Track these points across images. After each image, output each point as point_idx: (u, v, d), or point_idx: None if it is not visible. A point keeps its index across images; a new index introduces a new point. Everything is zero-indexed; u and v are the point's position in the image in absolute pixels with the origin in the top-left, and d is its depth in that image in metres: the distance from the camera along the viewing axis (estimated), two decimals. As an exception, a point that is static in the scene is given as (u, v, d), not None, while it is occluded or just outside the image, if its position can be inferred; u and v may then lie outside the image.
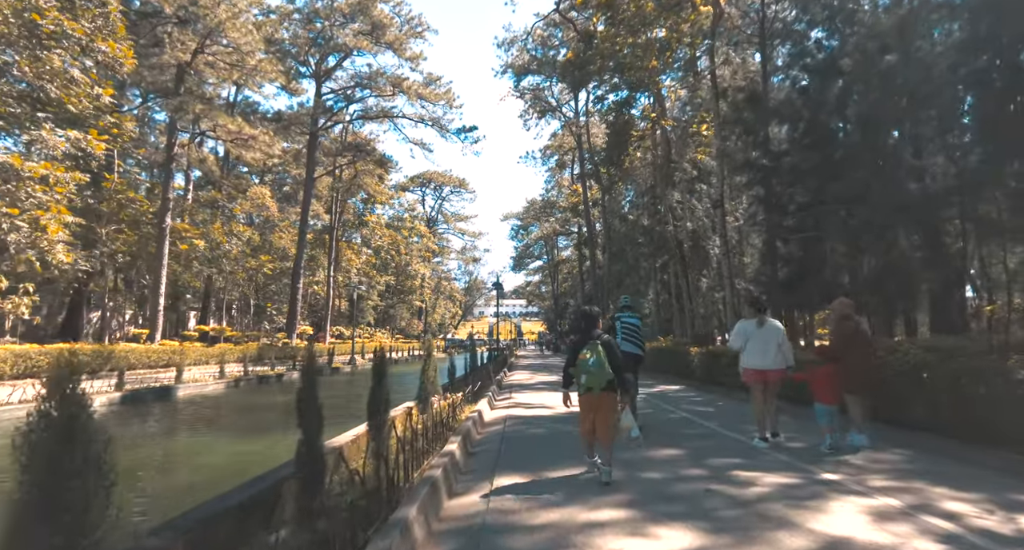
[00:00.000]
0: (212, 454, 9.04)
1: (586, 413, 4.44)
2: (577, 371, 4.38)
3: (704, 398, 10.65)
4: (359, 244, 52.82)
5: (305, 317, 48.80)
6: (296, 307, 35.40)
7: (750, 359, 5.77)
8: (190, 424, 12.03)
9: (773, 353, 5.66)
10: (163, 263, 22.33)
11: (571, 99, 45.27)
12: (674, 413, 8.47)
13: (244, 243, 37.95)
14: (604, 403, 4.32)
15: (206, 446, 9.70)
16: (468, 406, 8.35)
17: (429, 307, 77.96)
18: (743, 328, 5.89)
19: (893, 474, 4.47)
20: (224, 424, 11.86)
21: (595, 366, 4.23)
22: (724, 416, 7.88)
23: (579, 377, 4.35)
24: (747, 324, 5.87)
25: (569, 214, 52.53)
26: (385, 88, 35.14)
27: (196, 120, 23.17)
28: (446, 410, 6.45)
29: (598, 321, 4.73)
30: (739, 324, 6.03)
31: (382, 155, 36.99)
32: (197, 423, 12.09)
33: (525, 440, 6.18)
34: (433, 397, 7.34)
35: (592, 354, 4.28)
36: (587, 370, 4.26)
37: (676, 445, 5.76)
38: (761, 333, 5.73)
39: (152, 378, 15.77)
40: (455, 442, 5.15)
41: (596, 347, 4.32)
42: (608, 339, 4.51)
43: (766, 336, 5.72)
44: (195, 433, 11.07)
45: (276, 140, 24.94)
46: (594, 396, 4.30)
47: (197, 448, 9.59)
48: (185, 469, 8.29)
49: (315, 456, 2.91)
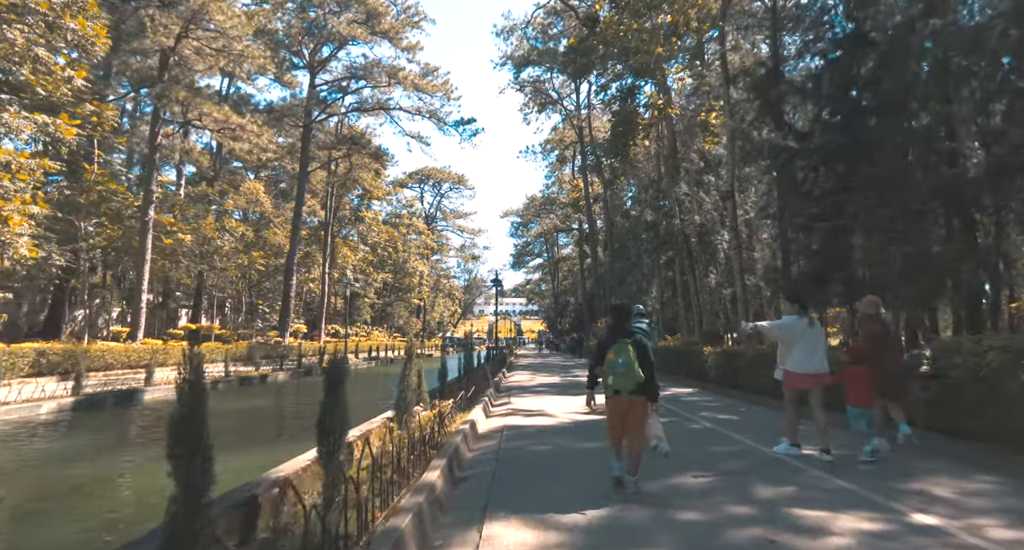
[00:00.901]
0: (128, 485, 7.19)
1: (614, 418, 4.00)
2: (604, 371, 3.95)
3: (723, 404, 9.62)
4: (356, 241, 51.78)
5: (300, 315, 47.78)
6: (289, 305, 34.37)
7: (800, 362, 5.03)
8: (132, 439, 10.35)
9: (822, 356, 5.08)
10: (146, 258, 21.27)
11: (572, 92, 44.21)
12: (695, 423, 7.44)
13: (237, 239, 36.92)
14: (633, 408, 3.90)
15: (134, 471, 7.73)
16: (460, 415, 7.33)
17: (428, 305, 76.93)
18: (793, 326, 5.13)
19: (1006, 515, 3.44)
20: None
21: (623, 367, 3.82)
22: (754, 427, 6.85)
23: (606, 378, 3.93)
24: (798, 322, 5.14)
25: (570, 210, 51.50)
26: (380, 79, 34.05)
27: (182, 109, 22.10)
28: (431, 422, 5.43)
29: (630, 316, 4.33)
30: (787, 321, 5.27)
31: (378, 148, 35.92)
32: (140, 437, 10.30)
33: (524, 461, 5.12)
34: (418, 406, 6.31)
35: (621, 354, 3.84)
36: (615, 371, 3.85)
37: (709, 468, 4.74)
38: (812, 333, 5.09)
39: (124, 380, 14.73)
40: (437, 467, 4.11)
41: (626, 346, 3.86)
42: (640, 338, 4.04)
43: (816, 337, 5.12)
44: (128, 451, 9.13)
45: (265, 130, 23.88)
46: (622, 400, 3.89)
47: (112, 475, 7.52)
48: (74, 510, 6.11)
49: (194, 521, 1.84)
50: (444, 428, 5.88)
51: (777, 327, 5.36)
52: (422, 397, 6.39)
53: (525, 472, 4.66)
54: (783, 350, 5.24)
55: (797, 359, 5.06)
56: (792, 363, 5.10)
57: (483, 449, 5.74)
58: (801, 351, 5.03)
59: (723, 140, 22.83)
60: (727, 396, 10.68)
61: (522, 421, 7.58)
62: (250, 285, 43.33)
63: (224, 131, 23.14)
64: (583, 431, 6.71)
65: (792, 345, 5.09)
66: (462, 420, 6.71)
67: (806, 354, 5.00)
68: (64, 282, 24.65)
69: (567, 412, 8.46)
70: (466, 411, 7.66)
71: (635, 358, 3.81)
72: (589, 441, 5.99)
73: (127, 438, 10.48)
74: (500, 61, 42.37)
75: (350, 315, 50.73)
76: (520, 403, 9.73)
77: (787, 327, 5.19)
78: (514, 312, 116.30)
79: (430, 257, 76.22)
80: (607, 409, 4.05)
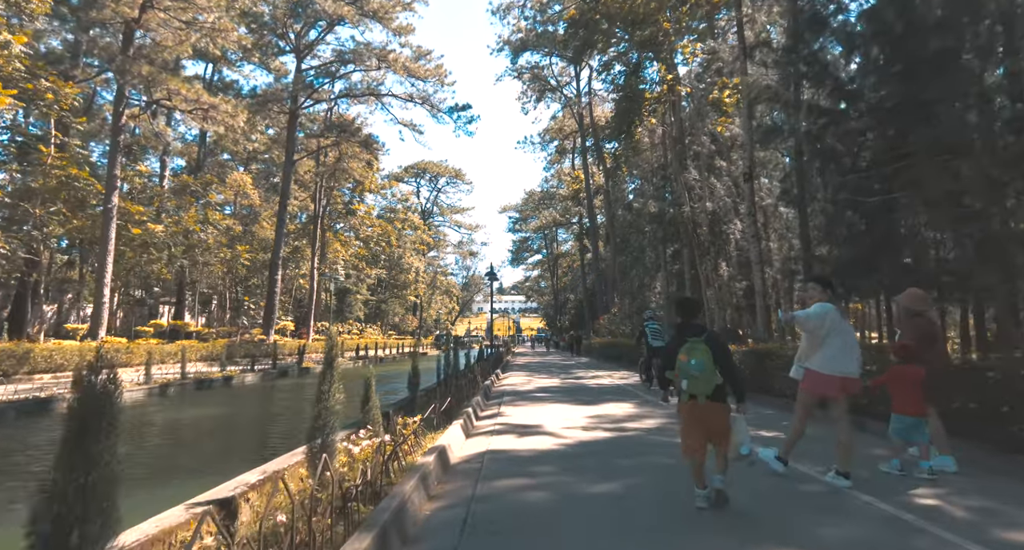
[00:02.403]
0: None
1: (692, 426, 3.54)
2: (676, 374, 3.60)
3: (760, 416, 7.87)
4: (347, 235, 49.96)
5: (288, 312, 46.02)
6: (274, 301, 32.58)
7: (830, 361, 4.14)
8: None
9: (857, 356, 4.25)
10: (108, 248, 19.48)
11: (572, 80, 42.47)
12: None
13: (221, 232, 35.14)
14: (713, 414, 3.48)
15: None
16: (429, 435, 5.58)
17: (424, 302, 75.18)
18: (826, 315, 4.20)
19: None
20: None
21: (698, 369, 3.45)
22: (823, 452, 5.10)
23: (679, 381, 3.56)
24: (831, 311, 4.24)
25: (570, 203, 49.75)
26: (370, 62, 32.19)
27: (147, 86, 20.25)
28: (373, 460, 3.68)
29: (699, 311, 3.95)
30: (820, 309, 4.27)
31: (368, 136, 34.08)
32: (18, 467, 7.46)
33: (508, 524, 3.31)
34: (362, 431, 4.56)
35: (693, 355, 3.47)
36: (688, 374, 3.49)
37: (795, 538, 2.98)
38: (846, 327, 4.29)
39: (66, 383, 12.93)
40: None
41: (698, 346, 3.48)
42: (715, 334, 3.63)
43: (850, 332, 4.35)
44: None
45: (241, 111, 22.06)
46: (700, 405, 3.48)
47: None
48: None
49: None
50: (397, 463, 4.12)
51: (815, 316, 4.26)
52: (370, 418, 4.63)
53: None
54: (808, 344, 4.34)
55: (826, 357, 4.15)
56: (819, 361, 4.19)
57: (449, 496, 3.96)
58: (832, 347, 4.14)
59: (736, 121, 21.11)
60: (761, 404, 8.93)
61: (512, 443, 5.82)
62: (236, 281, 41.58)
63: (196, 112, 21.31)
64: (599, 460, 4.96)
65: (822, 339, 4.19)
66: (429, 445, 4.95)
67: (839, 351, 4.12)
68: (26, 276, 22.89)
69: (572, 427, 6.72)
70: (439, 430, 5.92)
71: (711, 357, 3.44)
72: (610, 479, 4.25)
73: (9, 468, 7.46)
74: (497, 46, 40.67)
75: (341, 312, 49.01)
76: (512, 414, 7.98)
77: (820, 316, 4.21)
78: (513, 310, 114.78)
79: (426, 253, 74.47)
80: (682, 416, 3.61)
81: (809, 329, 4.26)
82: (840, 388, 4.10)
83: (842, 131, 9.41)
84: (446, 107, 34.36)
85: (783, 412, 8.01)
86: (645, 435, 6.33)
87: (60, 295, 29.82)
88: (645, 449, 5.48)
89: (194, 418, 11.69)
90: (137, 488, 5.81)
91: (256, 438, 9.85)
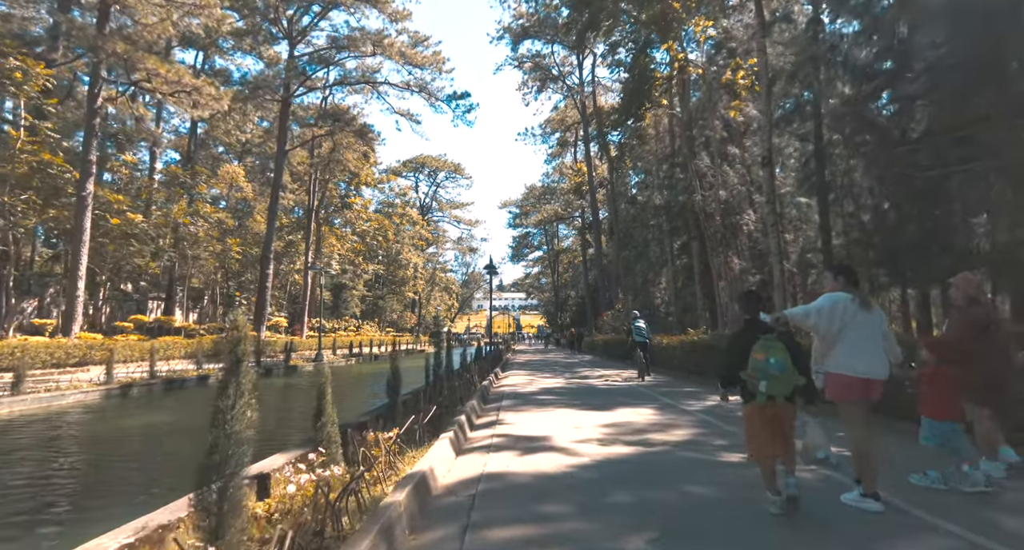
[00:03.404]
0: None
1: (766, 430, 3.19)
2: (753, 374, 3.19)
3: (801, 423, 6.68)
4: (343, 229, 48.73)
5: (283, 308, 44.88)
6: (265, 296, 31.41)
7: (850, 360, 3.49)
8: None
9: (878, 351, 3.54)
10: (83, 239, 18.28)
11: (574, 69, 41.20)
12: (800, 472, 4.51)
13: (212, 225, 33.96)
14: (786, 415, 3.19)
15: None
16: (409, 455, 4.41)
17: (423, 299, 74.00)
18: (835, 308, 3.54)
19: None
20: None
21: (778, 369, 3.13)
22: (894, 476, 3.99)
23: (756, 382, 3.16)
24: (843, 302, 3.57)
25: (571, 197, 48.50)
26: (365, 48, 30.91)
27: (125, 67, 19.01)
28: (315, 500, 2.51)
29: (763, 307, 3.61)
30: (826, 302, 3.63)
31: (363, 125, 32.81)
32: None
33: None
34: (313, 454, 3.39)
35: (772, 353, 3.15)
36: (768, 374, 3.13)
37: None
38: (866, 320, 3.55)
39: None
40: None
41: (774, 343, 3.19)
42: (787, 331, 3.42)
43: (871, 325, 3.56)
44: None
45: (226, 94, 20.82)
46: (775, 407, 3.15)
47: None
48: None
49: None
50: (357, 499, 2.94)
51: (814, 312, 3.61)
52: (323, 436, 3.45)
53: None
54: (822, 344, 3.70)
55: (843, 355, 3.55)
56: (835, 362, 3.58)
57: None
58: (849, 343, 3.53)
59: (750, 104, 19.90)
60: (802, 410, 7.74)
61: (513, 463, 4.64)
62: (228, 276, 40.45)
63: (179, 96, 20.07)
64: (628, 492, 3.76)
65: (836, 335, 3.57)
66: (406, 471, 3.77)
67: (854, 348, 3.51)
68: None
69: (585, 440, 5.55)
70: (423, 446, 4.74)
71: (789, 356, 3.15)
72: (649, 523, 3.07)
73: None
74: (497, 34, 39.31)
75: (337, 308, 47.87)
76: (513, 422, 6.81)
77: (827, 311, 3.58)
78: (513, 307, 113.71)
79: (425, 249, 73.28)
80: (752, 420, 3.29)
81: (810, 327, 3.64)
82: (862, 392, 3.47)
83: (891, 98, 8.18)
84: (444, 95, 33.13)
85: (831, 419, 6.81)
86: (675, 451, 5.15)
87: (42, 290, 28.58)
88: (683, 473, 4.31)
89: (135, 427, 9.96)
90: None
91: (195, 456, 8.01)
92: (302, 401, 12.36)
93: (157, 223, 25.56)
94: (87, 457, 7.85)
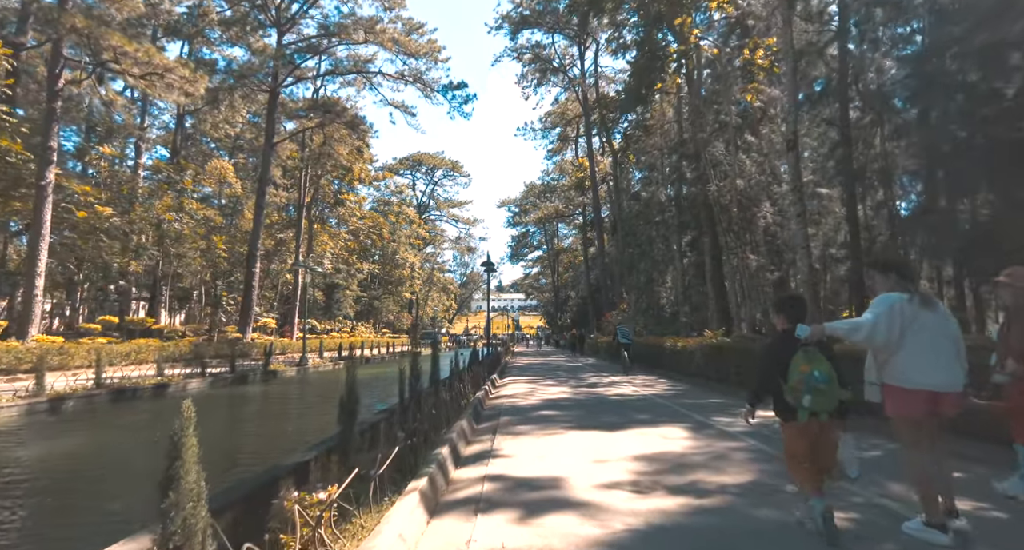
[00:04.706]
0: None
1: (805, 449, 2.94)
2: (796, 388, 2.83)
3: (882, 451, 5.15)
4: (335, 226, 47.17)
5: (273, 308, 43.31)
6: (251, 295, 29.83)
7: (913, 370, 2.85)
8: None
9: (952, 360, 2.87)
10: (42, 232, 16.72)
11: (575, 63, 39.73)
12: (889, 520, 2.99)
13: (199, 222, 32.40)
14: (828, 432, 2.94)
15: None
16: (354, 525, 2.88)
17: (420, 300, 72.42)
18: (893, 311, 2.89)
19: None
20: None
21: (824, 382, 2.78)
22: None
23: (799, 397, 2.81)
24: (900, 302, 2.92)
25: (573, 193, 46.99)
26: (357, 35, 29.37)
27: (92, 47, 17.46)
28: None
29: (807, 312, 3.27)
30: (883, 304, 2.95)
31: (354, 115, 31.25)
32: None
33: None
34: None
35: (816, 365, 2.81)
36: (814, 387, 2.78)
37: None
38: (930, 322, 2.90)
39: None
40: None
41: (817, 354, 2.85)
42: (826, 342, 3.02)
43: (939, 327, 2.92)
44: None
45: (201, 77, 19.28)
46: (820, 424, 2.87)
47: None
48: None
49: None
50: None
51: (867, 326, 2.87)
52: (173, 528, 1.91)
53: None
54: (880, 353, 3.00)
55: (904, 365, 2.88)
56: (895, 372, 2.91)
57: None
58: (910, 350, 2.85)
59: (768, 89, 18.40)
60: (863, 428, 6.18)
61: (513, 536, 3.10)
62: (214, 275, 38.88)
63: (151, 79, 18.52)
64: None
65: (895, 342, 2.86)
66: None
67: (918, 355, 2.84)
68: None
69: (612, 486, 4.00)
70: (381, 505, 3.20)
71: (833, 368, 2.84)
72: None
73: None
74: (495, 24, 37.86)
75: (329, 309, 46.31)
76: (512, 454, 5.27)
77: (884, 320, 2.87)
78: (512, 308, 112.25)
79: (423, 248, 71.73)
80: (794, 438, 3.00)
81: (861, 341, 3.04)
82: (928, 406, 2.89)
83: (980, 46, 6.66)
84: (439, 86, 31.60)
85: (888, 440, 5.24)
86: (743, 505, 3.60)
87: (13, 290, 27.00)
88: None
89: (26, 461, 7.20)
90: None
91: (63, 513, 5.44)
92: (262, 419, 10.75)
93: (132, 218, 23.95)
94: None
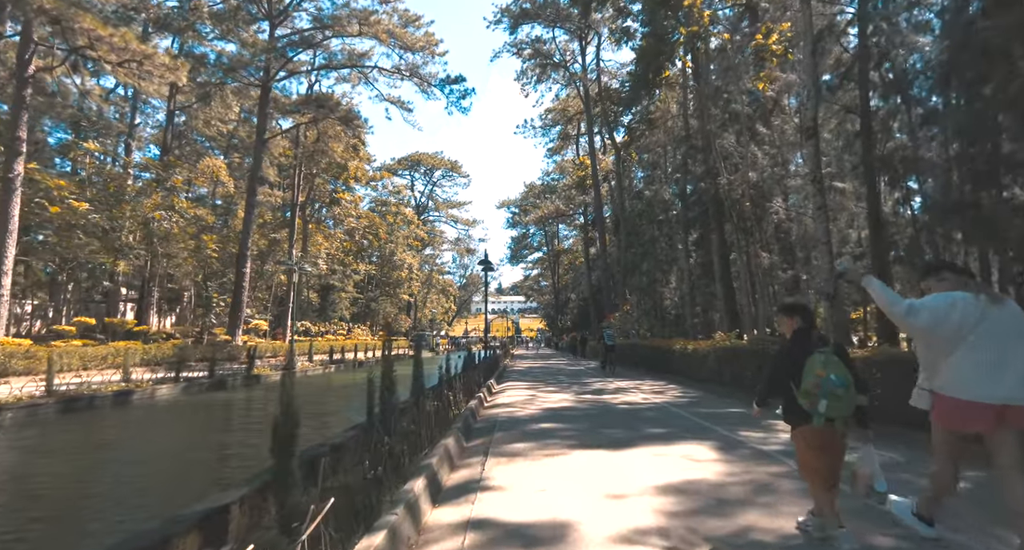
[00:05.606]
0: None
1: (825, 457, 2.74)
2: (811, 392, 2.61)
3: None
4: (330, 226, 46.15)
5: (267, 310, 42.25)
6: (241, 296, 28.79)
7: (968, 378, 2.44)
8: None
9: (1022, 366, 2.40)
10: (9, 228, 15.70)
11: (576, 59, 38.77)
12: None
13: (189, 222, 31.38)
14: (840, 439, 2.74)
15: None
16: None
17: (419, 302, 71.37)
18: (956, 306, 2.50)
19: None
20: None
21: (841, 386, 2.55)
22: None
23: (814, 402, 2.60)
24: (964, 300, 2.51)
25: (574, 192, 45.98)
26: (351, 27, 28.42)
27: (65, 33, 16.46)
28: None
29: (813, 319, 3.07)
30: (943, 299, 2.55)
31: (348, 110, 30.26)
32: None
33: None
34: None
35: (832, 369, 2.57)
36: (830, 392, 2.55)
37: None
38: (1000, 322, 2.45)
39: None
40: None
41: (833, 358, 2.61)
42: (841, 344, 2.80)
43: (1009, 327, 2.44)
44: None
45: (183, 65, 18.30)
46: (836, 431, 2.67)
47: None
48: None
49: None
50: None
51: (923, 308, 2.56)
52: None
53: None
54: (931, 355, 2.64)
55: (963, 372, 2.46)
56: (950, 379, 2.52)
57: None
58: (972, 358, 2.43)
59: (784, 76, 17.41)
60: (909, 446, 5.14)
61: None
62: (206, 276, 37.86)
63: (129, 66, 17.53)
64: None
65: (951, 346, 2.49)
66: None
67: (981, 363, 2.39)
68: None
69: (636, 535, 2.96)
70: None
71: (849, 373, 2.61)
72: None
73: None
74: (494, 18, 36.90)
75: (324, 310, 45.26)
76: (505, 485, 4.23)
77: (933, 306, 2.53)
78: (512, 310, 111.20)
79: (421, 249, 70.71)
80: (807, 445, 2.78)
81: (898, 315, 2.54)
82: (992, 420, 2.34)
83: None
84: (437, 80, 30.61)
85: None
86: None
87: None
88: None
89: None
90: None
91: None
92: (217, 432, 9.64)
93: (115, 216, 22.93)
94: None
